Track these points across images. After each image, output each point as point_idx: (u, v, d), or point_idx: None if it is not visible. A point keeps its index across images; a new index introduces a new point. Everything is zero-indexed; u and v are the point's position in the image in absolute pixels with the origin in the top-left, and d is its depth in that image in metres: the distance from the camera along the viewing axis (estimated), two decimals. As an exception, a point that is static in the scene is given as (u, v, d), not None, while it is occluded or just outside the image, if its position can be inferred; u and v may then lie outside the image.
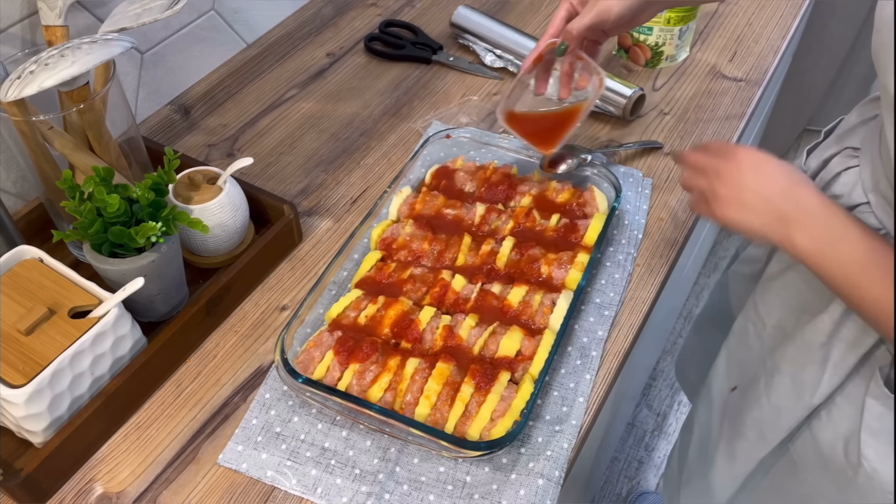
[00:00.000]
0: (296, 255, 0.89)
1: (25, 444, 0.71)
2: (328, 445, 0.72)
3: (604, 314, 0.81)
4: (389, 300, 0.78)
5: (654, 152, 1.00)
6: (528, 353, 0.73)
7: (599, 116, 1.05)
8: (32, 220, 0.87)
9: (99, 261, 0.74)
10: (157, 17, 0.76)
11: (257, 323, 0.83)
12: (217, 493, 0.70)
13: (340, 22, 1.23)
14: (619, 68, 1.13)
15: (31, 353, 0.68)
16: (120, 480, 0.71)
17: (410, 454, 0.71)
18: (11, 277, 0.73)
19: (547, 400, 0.75)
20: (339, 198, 0.96)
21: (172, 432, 0.74)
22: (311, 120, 1.06)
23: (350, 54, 1.17)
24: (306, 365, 0.74)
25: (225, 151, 1.01)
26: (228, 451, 0.72)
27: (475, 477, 0.70)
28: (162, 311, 0.80)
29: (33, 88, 0.68)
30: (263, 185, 0.95)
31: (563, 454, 0.71)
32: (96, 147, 0.81)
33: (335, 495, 0.69)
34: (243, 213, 0.85)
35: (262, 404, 0.75)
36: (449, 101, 1.08)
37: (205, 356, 0.80)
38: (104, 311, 0.71)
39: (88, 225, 0.72)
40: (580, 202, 0.87)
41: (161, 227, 0.73)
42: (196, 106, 1.08)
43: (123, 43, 0.73)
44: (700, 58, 1.15)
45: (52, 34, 0.78)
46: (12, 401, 0.65)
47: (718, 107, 1.07)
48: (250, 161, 0.83)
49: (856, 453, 0.74)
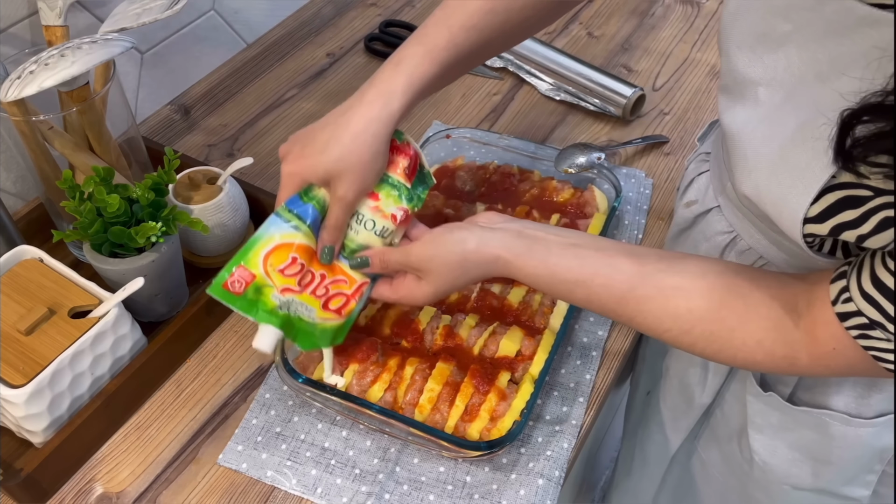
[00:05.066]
0: (296, 255, 0.89)
1: (25, 444, 0.71)
2: (328, 445, 0.72)
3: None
4: (389, 300, 0.78)
5: (655, 153, 1.00)
6: (528, 353, 0.73)
7: (600, 116, 1.05)
8: (32, 220, 0.87)
9: (99, 261, 0.74)
10: (157, 17, 0.76)
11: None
12: (217, 493, 0.70)
13: (340, 22, 1.22)
14: (619, 68, 1.13)
15: (31, 353, 0.68)
16: (120, 480, 0.71)
17: (410, 454, 0.71)
18: (11, 277, 0.73)
19: (547, 400, 0.75)
20: (339, 198, 0.96)
21: (172, 432, 0.74)
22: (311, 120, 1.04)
23: (350, 54, 1.17)
24: (306, 365, 0.74)
25: (225, 151, 1.01)
26: (228, 451, 0.72)
27: (475, 477, 0.70)
28: (162, 311, 0.80)
29: (33, 88, 0.68)
30: (263, 185, 0.95)
31: (563, 454, 0.71)
32: (96, 147, 0.81)
33: (335, 495, 0.69)
34: (243, 213, 0.85)
35: (262, 404, 0.75)
36: (449, 101, 1.08)
37: (205, 356, 0.80)
38: (104, 311, 0.71)
39: (88, 225, 0.72)
40: (580, 202, 0.87)
41: (161, 227, 0.73)
42: (196, 106, 1.08)
43: (123, 43, 0.73)
44: (700, 58, 1.15)
45: (52, 34, 0.78)
46: (12, 401, 0.65)
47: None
48: (250, 161, 0.83)
49: (748, 448, 0.76)
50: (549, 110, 1.06)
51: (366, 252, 0.67)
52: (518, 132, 1.01)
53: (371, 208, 0.66)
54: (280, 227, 0.65)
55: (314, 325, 0.67)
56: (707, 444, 0.84)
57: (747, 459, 0.77)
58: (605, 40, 1.17)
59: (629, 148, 1.00)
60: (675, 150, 1.01)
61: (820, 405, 0.68)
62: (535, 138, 1.02)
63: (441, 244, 0.64)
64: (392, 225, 0.67)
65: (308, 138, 0.65)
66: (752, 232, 0.67)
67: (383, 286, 0.69)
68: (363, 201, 0.66)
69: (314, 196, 0.65)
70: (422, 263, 0.64)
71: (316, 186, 0.65)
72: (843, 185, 0.47)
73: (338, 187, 0.63)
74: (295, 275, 0.65)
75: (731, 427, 0.78)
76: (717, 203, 0.71)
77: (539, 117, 1.05)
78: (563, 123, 1.05)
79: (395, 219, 0.67)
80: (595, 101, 1.04)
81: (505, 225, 0.65)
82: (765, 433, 0.73)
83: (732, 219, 0.69)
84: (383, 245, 0.68)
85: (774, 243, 0.65)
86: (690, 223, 0.76)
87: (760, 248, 0.66)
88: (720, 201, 0.71)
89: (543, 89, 1.08)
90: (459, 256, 0.63)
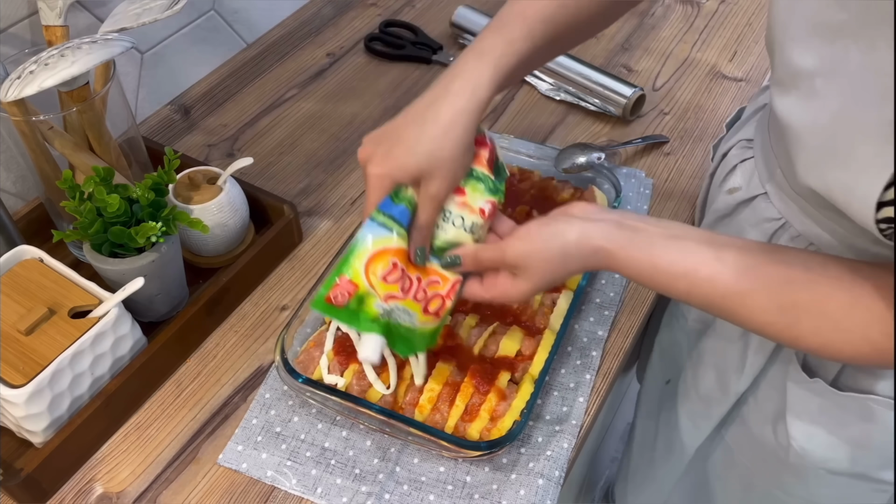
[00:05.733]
0: (296, 255, 0.89)
1: (25, 444, 0.71)
2: (328, 445, 0.72)
3: (604, 314, 0.81)
4: (389, 300, 0.78)
5: (655, 153, 1.00)
6: (528, 353, 0.73)
7: (600, 116, 1.05)
8: (32, 220, 0.87)
9: (99, 261, 0.74)
10: (157, 17, 0.76)
11: (257, 323, 0.83)
12: (217, 493, 0.70)
13: (340, 22, 1.22)
14: (619, 68, 1.13)
15: (31, 353, 0.68)
16: (120, 480, 0.71)
17: (410, 454, 0.71)
18: (11, 277, 0.73)
19: (547, 400, 0.75)
20: (339, 198, 0.96)
21: (172, 432, 0.74)
22: (311, 120, 1.06)
23: (350, 54, 1.17)
24: (306, 365, 0.74)
25: (225, 151, 1.01)
26: (228, 451, 0.72)
27: (475, 477, 0.70)
28: (162, 311, 0.80)
29: (33, 88, 0.68)
30: (263, 185, 0.95)
31: (563, 454, 0.71)
32: (96, 147, 0.81)
33: (335, 495, 0.69)
34: (243, 213, 0.85)
35: (262, 404, 0.75)
36: (449, 101, 1.08)
37: (205, 356, 0.80)
38: (104, 311, 0.71)
39: (88, 225, 0.72)
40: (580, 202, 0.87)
41: (161, 227, 0.73)
42: (196, 106, 1.08)
43: (123, 43, 0.73)
44: (700, 58, 1.15)
45: (52, 34, 0.78)
46: (12, 401, 0.65)
47: (718, 107, 1.07)
48: (250, 161, 0.83)
49: (784, 434, 0.76)
50: (549, 110, 1.06)
51: (457, 250, 0.65)
52: (518, 132, 1.01)
53: (458, 204, 0.64)
54: (377, 233, 0.62)
55: (412, 331, 0.65)
56: (736, 431, 0.84)
57: (783, 446, 0.77)
58: (605, 40, 1.17)
59: (629, 148, 1.00)
60: (675, 150, 1.01)
61: (865, 390, 0.68)
62: (535, 138, 1.02)
63: (538, 239, 0.62)
64: (481, 219, 0.64)
65: (392, 137, 0.62)
66: (803, 219, 0.67)
67: (474, 284, 0.66)
68: (451, 198, 0.64)
69: (404, 197, 0.62)
70: (518, 260, 0.62)
71: (405, 187, 0.62)
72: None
73: (430, 185, 0.61)
74: (397, 280, 0.63)
75: (766, 414, 0.78)
76: (764, 190, 0.71)
77: (539, 117, 1.05)
78: (563, 123, 1.05)
79: (483, 213, 0.64)
80: (595, 101, 1.04)
81: (603, 216, 0.63)
82: (804, 419, 0.73)
83: (781, 206, 0.69)
84: (472, 241, 0.65)
85: (828, 231, 0.65)
86: (732, 209, 0.77)
87: (811, 235, 0.67)
88: (768, 188, 0.71)
89: (543, 89, 1.08)
90: (560, 250, 0.61)
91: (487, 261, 0.64)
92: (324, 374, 0.72)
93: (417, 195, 0.63)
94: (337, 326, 0.75)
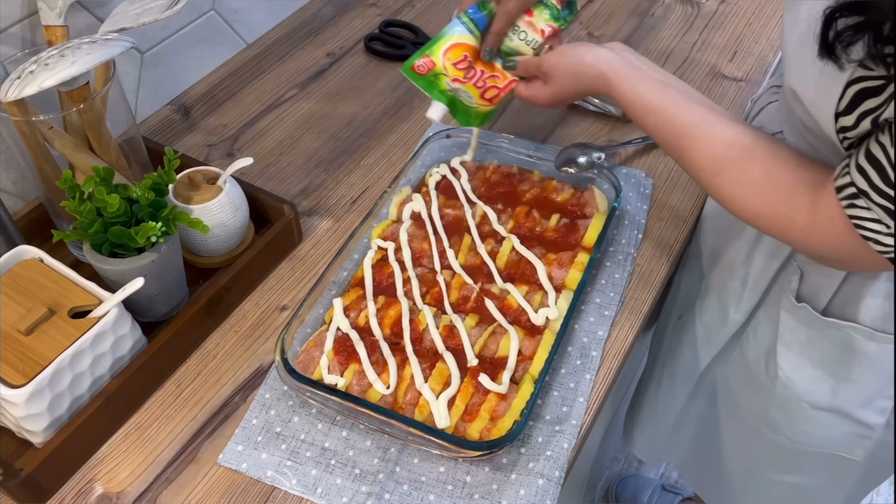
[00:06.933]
0: (296, 255, 0.89)
1: (25, 444, 0.71)
2: (328, 445, 0.72)
3: (604, 314, 0.81)
4: (389, 300, 0.78)
5: (655, 153, 1.00)
6: (528, 353, 0.73)
7: (599, 116, 1.05)
8: (32, 220, 0.87)
9: (99, 261, 0.74)
10: (157, 17, 0.76)
11: (257, 323, 0.83)
12: (217, 493, 0.70)
13: (340, 22, 1.23)
14: (619, 68, 1.13)
15: (31, 353, 0.68)
16: (120, 480, 0.71)
17: (410, 454, 0.71)
18: (11, 277, 0.73)
19: (547, 400, 0.75)
20: (339, 198, 0.96)
21: (172, 432, 0.74)
22: (311, 120, 1.06)
23: (350, 54, 1.17)
24: (306, 365, 0.74)
25: (225, 151, 1.01)
26: (228, 451, 0.72)
27: (475, 477, 0.70)
28: (162, 311, 0.80)
29: (33, 88, 0.68)
30: (263, 185, 0.95)
31: (563, 454, 0.71)
32: (96, 147, 0.81)
33: (335, 495, 0.69)
34: (243, 213, 0.85)
35: (262, 404, 0.75)
36: (449, 101, 1.08)
37: (205, 356, 0.80)
38: (104, 311, 0.71)
39: (88, 225, 0.72)
40: (580, 202, 0.87)
41: (161, 227, 0.73)
42: (196, 106, 1.08)
43: (123, 43, 0.73)
44: (700, 58, 1.15)
45: (52, 34, 0.78)
46: (12, 401, 0.65)
47: (718, 107, 1.07)
48: (250, 161, 0.83)
49: (774, 365, 0.83)
50: (549, 110, 1.06)
51: (516, 57, 0.82)
52: (518, 132, 1.01)
53: (526, 22, 0.81)
54: (459, 29, 0.81)
55: (470, 109, 0.85)
56: (734, 366, 0.92)
57: (771, 377, 0.84)
58: (605, 40, 1.17)
59: (629, 148, 1.00)
60: (675, 150, 1.01)
61: (849, 318, 0.74)
62: (535, 138, 1.02)
63: (566, 54, 0.76)
64: (540, 38, 0.81)
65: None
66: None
67: (520, 85, 0.83)
68: (521, 16, 0.80)
69: (486, 7, 0.81)
70: (549, 69, 0.77)
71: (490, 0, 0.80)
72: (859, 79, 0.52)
73: (507, 2, 0.78)
74: (464, 69, 0.82)
75: (762, 348, 0.85)
76: (781, 129, 0.77)
77: (539, 117, 1.05)
78: (563, 123, 1.05)
79: (543, 33, 0.81)
80: (595, 101, 1.04)
81: (620, 51, 0.75)
82: (792, 349, 0.81)
83: (792, 143, 0.73)
84: (531, 53, 0.82)
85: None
86: None
87: None
88: (784, 127, 0.76)
89: (543, 89, 1.08)
90: (576, 66, 0.75)
91: (531, 67, 0.80)
92: (324, 374, 0.72)
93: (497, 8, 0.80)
94: (337, 326, 0.75)
